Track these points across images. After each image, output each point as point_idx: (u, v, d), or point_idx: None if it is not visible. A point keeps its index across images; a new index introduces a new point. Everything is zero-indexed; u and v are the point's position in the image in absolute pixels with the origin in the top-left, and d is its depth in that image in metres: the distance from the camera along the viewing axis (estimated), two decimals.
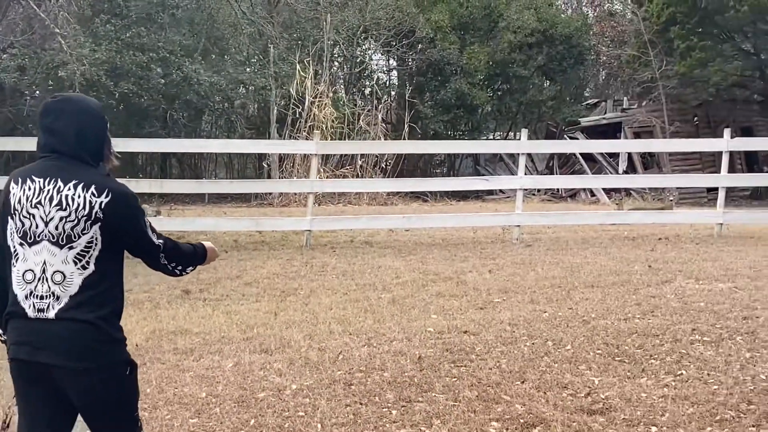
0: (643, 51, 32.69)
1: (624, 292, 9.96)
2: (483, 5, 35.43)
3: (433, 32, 33.24)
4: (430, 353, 7.39)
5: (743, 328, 7.96)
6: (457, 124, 35.34)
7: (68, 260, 3.64)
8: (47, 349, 3.60)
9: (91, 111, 3.85)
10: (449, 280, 11.17)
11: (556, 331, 8.04)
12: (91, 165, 3.78)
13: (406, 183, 22.51)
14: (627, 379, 6.58)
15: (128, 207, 3.76)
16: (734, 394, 6.16)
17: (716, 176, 18.43)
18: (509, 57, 34.83)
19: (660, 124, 32.71)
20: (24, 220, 3.67)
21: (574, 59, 37.09)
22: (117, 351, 3.75)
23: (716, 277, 10.87)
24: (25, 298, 3.65)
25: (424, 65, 33.84)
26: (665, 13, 30.99)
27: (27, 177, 3.72)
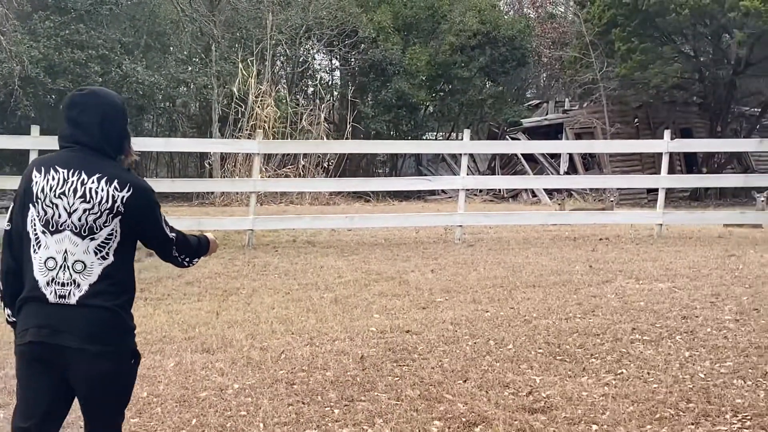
0: (584, 53, 33.00)
1: (565, 291, 10.02)
2: (426, 6, 35.51)
3: (375, 32, 33.25)
4: (373, 353, 7.38)
5: (682, 327, 8.04)
6: (399, 124, 35.40)
7: (89, 250, 3.83)
8: (68, 332, 3.76)
9: (115, 106, 4.04)
10: (392, 279, 11.16)
11: (498, 330, 8.07)
12: (111, 158, 3.97)
13: (348, 183, 22.47)
14: (568, 378, 6.62)
15: (148, 202, 3.97)
16: (673, 392, 6.22)
17: (656, 177, 18.64)
18: (451, 58, 34.94)
19: (601, 125, 33.04)
20: (47, 208, 3.83)
21: (517, 61, 37.31)
22: (128, 339, 3.97)
23: (656, 277, 10.97)
24: (47, 284, 3.80)
25: (366, 65, 33.84)
26: (606, 15, 31.30)
27: (51, 167, 3.87)
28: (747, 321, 8.21)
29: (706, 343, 7.48)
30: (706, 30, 31.65)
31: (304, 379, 6.68)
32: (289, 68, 35.43)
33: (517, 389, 6.37)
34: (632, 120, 34.75)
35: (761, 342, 7.41)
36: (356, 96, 33.61)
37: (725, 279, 10.62)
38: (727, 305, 8.95)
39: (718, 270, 11.39)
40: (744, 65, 31.39)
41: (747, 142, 25.62)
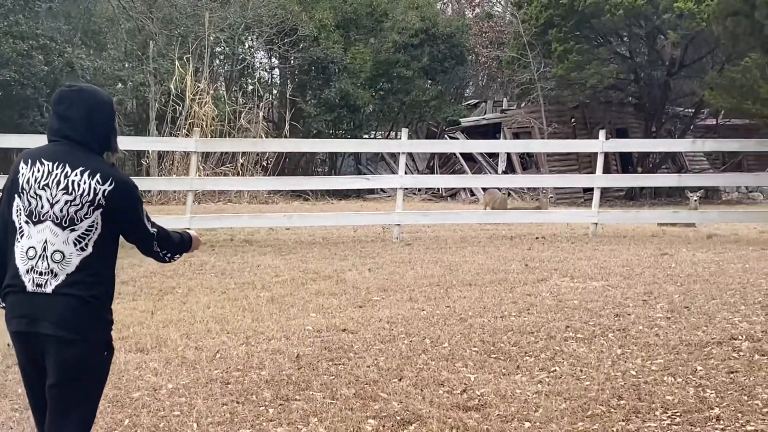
0: (522, 53, 33.23)
1: (501, 290, 10.10)
2: (367, 3, 35.45)
3: (316, 30, 33.11)
4: (309, 351, 7.38)
5: (615, 325, 8.15)
6: (339, 124, 35.31)
7: (69, 241, 3.93)
8: (42, 320, 3.88)
9: (103, 103, 4.16)
10: (329, 278, 11.17)
11: (433, 328, 8.11)
12: (97, 153, 4.11)
13: (287, 182, 22.42)
14: (502, 376, 6.68)
15: (129, 196, 4.07)
16: (605, 389, 6.30)
17: (591, 177, 18.85)
18: (393, 57, 34.94)
19: (538, 125, 33.29)
20: (31, 199, 3.96)
21: (455, 59, 37.43)
22: (102, 330, 4.04)
23: (590, 275, 11.11)
24: (26, 272, 3.92)
25: (307, 64, 33.69)
26: (543, 16, 31.54)
27: (37, 159, 4.02)
28: (678, 319, 8.34)
29: (638, 340, 7.59)
30: (641, 31, 32.02)
31: (239, 379, 6.65)
32: (228, 66, 35.19)
33: (451, 387, 6.41)
34: (569, 120, 35.06)
35: (691, 339, 7.53)
36: (297, 95, 33.48)
37: (658, 277, 10.79)
38: (659, 303, 9.09)
39: (651, 268, 11.57)
40: (678, 66, 31.84)
41: (680, 143, 26.01)
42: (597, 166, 16.89)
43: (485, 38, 40.64)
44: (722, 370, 6.69)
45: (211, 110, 27.80)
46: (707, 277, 10.76)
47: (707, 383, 6.38)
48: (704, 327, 7.97)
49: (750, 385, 6.29)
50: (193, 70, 28.09)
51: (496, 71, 41.79)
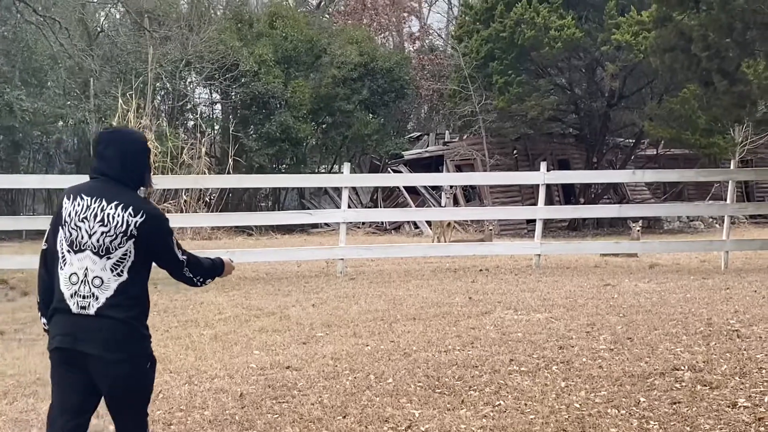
0: (463, 86, 33.44)
1: (445, 324, 10.09)
2: (306, 39, 35.56)
3: (257, 66, 33.11)
4: (252, 390, 7.29)
5: (559, 357, 8.16)
6: (282, 158, 35.28)
7: (106, 268, 4.41)
8: (88, 340, 4.36)
9: (136, 143, 4.67)
10: (273, 314, 11.08)
11: (378, 364, 8.06)
12: (131, 188, 4.58)
13: (229, 218, 22.31)
14: (447, 411, 6.64)
15: (159, 227, 4.55)
16: (550, 423, 6.29)
17: (534, 208, 18.98)
18: (333, 91, 35.04)
19: (481, 156, 33.49)
20: (72, 231, 4.45)
21: (396, 93, 37.62)
22: (142, 345, 4.53)
23: (534, 307, 11.13)
24: (71, 296, 4.40)
25: (248, 99, 33.66)
26: (484, 49, 31.79)
27: (78, 194, 4.51)
28: (621, 350, 8.38)
29: (581, 372, 7.60)
30: (581, 63, 32.42)
31: (181, 419, 6.56)
32: (170, 102, 35.02)
33: (396, 424, 6.36)
34: (511, 151, 35.31)
35: (634, 371, 7.56)
36: (238, 129, 33.38)
37: (601, 308, 10.85)
38: (602, 335, 9.13)
39: (594, 299, 11.64)
40: (617, 97, 32.24)
41: (620, 174, 26.30)
42: (539, 198, 17.00)
43: (426, 71, 40.89)
44: (665, 401, 6.71)
45: (154, 147, 27.56)
46: (649, 307, 10.84)
47: (650, 415, 6.40)
48: (647, 358, 8.02)
49: (692, 416, 6.32)
50: (135, 106, 27.86)
51: (438, 104, 42.07)
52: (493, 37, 31.22)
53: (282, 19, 35.90)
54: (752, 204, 30.65)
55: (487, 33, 31.61)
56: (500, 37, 30.81)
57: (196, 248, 19.99)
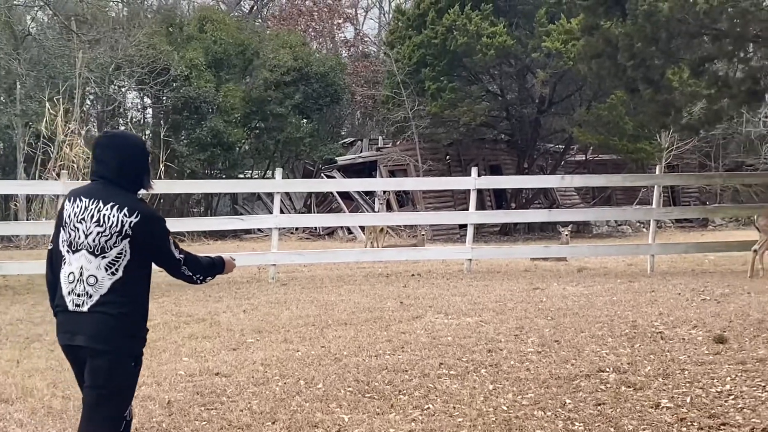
0: (396, 91, 33.55)
1: (376, 328, 10.13)
2: (237, 43, 35.43)
3: (188, 70, 32.91)
4: (180, 397, 7.25)
5: (488, 360, 8.24)
6: (214, 163, 35.12)
7: (101, 267, 4.54)
8: (80, 334, 4.52)
9: (134, 146, 4.82)
10: (203, 321, 11.03)
11: (308, 369, 8.07)
12: (129, 190, 4.70)
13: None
14: (376, 416, 6.67)
15: (153, 227, 4.66)
16: (477, 426, 6.35)
17: (465, 213, 19.10)
18: (266, 95, 34.95)
19: (414, 162, 33.63)
20: (71, 231, 4.61)
21: (330, 98, 37.65)
22: (130, 344, 4.62)
23: (464, 311, 11.23)
24: (68, 294, 4.57)
25: (179, 103, 33.45)
26: (416, 55, 31.93)
27: (77, 197, 4.68)
28: (548, 353, 8.49)
29: (509, 375, 7.69)
30: (512, 70, 32.75)
31: None
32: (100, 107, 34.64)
33: (325, 429, 6.38)
34: (444, 157, 35.50)
35: (561, 373, 7.67)
36: (170, 134, 33.13)
37: (529, 312, 10.98)
38: (530, 338, 9.24)
39: (523, 303, 11.77)
40: (548, 104, 32.60)
41: (549, 178, 26.57)
42: (470, 203, 17.13)
43: (360, 77, 40.98)
44: (590, 402, 6.82)
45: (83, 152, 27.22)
46: (577, 310, 11.00)
47: (576, 416, 6.49)
48: (573, 360, 8.13)
49: (616, 417, 6.42)
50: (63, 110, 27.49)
51: (372, 110, 42.16)
52: (425, 44, 31.38)
53: (212, 23, 35.73)
54: (677, 208, 31.17)
55: (419, 39, 31.76)
56: (432, 43, 30.98)
57: None
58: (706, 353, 8.21)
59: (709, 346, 8.46)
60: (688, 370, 7.60)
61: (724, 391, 6.98)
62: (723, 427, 6.13)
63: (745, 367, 7.60)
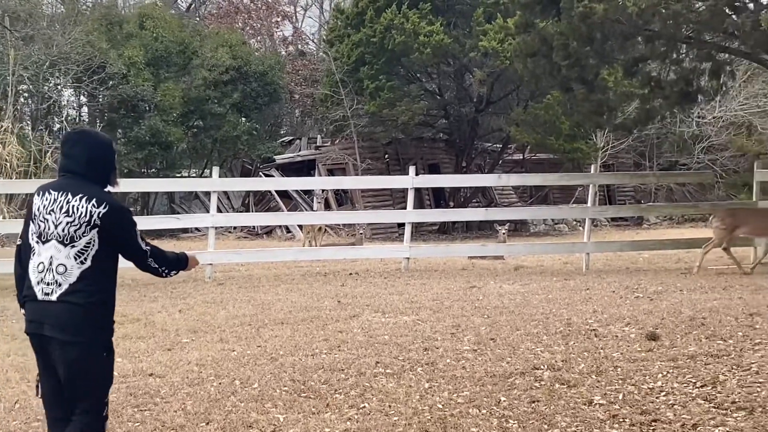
0: (335, 90, 33.54)
1: (313, 327, 10.11)
2: (178, 41, 35.10)
3: (125, 68, 32.53)
4: (113, 398, 7.11)
5: (424, 359, 8.26)
6: (151, 162, 34.77)
7: (70, 256, 4.69)
8: (48, 324, 4.65)
9: (102, 144, 4.99)
10: (137, 321, 10.92)
11: (244, 369, 8.03)
12: (96, 184, 4.87)
13: None
14: (312, 415, 6.65)
15: (121, 218, 4.84)
16: (413, 424, 6.37)
17: (403, 212, 19.20)
18: (204, 94, 34.68)
19: (352, 161, 33.64)
20: (41, 223, 4.77)
21: (269, 96, 37.48)
22: (101, 334, 4.79)
23: (401, 310, 11.25)
24: (37, 283, 4.70)
25: (116, 101, 33.06)
26: (355, 54, 31.95)
27: (47, 190, 4.85)
28: (484, 351, 8.53)
29: (445, 373, 7.71)
30: (450, 69, 32.91)
31: (38, 429, 6.40)
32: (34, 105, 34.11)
33: (260, 429, 6.35)
34: (383, 156, 35.57)
35: (496, 371, 7.71)
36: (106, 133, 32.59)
37: (466, 310, 11.03)
38: (466, 336, 9.28)
39: (460, 301, 11.83)
40: (485, 103, 32.82)
41: (486, 177, 26.79)
42: (408, 202, 17.18)
43: (299, 76, 40.89)
44: (524, 400, 6.87)
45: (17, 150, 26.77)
46: (512, 308, 11.07)
47: (510, 414, 6.53)
48: (508, 358, 8.18)
49: (550, 414, 6.48)
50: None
51: (311, 108, 42.08)
52: (364, 42, 31.42)
53: (152, 20, 35.33)
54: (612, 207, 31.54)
55: (357, 38, 31.79)
56: (371, 42, 31.03)
57: None
58: (639, 350, 8.31)
59: (642, 343, 8.56)
60: (621, 367, 7.69)
61: (655, 387, 7.07)
62: (654, 424, 6.21)
63: (676, 364, 7.70)
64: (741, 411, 6.34)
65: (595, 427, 6.20)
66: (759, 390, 6.77)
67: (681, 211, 32.76)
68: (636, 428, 6.14)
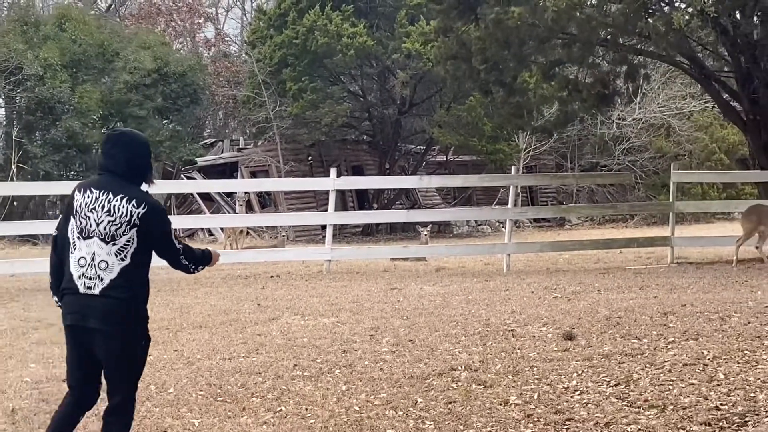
0: (257, 92, 33.38)
1: (231, 331, 10.05)
2: (96, 44, 34.57)
3: (42, 69, 31.93)
4: (25, 405, 7.05)
5: (342, 361, 8.25)
6: (70, 164, 34.19)
7: (111, 253, 4.97)
8: (92, 316, 4.94)
9: (139, 144, 5.26)
10: (52, 326, 10.65)
11: (160, 374, 7.93)
12: (135, 183, 5.16)
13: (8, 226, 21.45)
14: (228, 419, 6.61)
15: (158, 218, 5.12)
16: (329, 426, 6.36)
17: (324, 214, 19.19)
18: (126, 97, 34.20)
19: (275, 163, 33.50)
20: (82, 220, 5.02)
21: (190, 98, 37.10)
22: (139, 325, 5.12)
23: (321, 312, 11.23)
24: (78, 277, 4.97)
25: (33, 103, 32.44)
26: (277, 55, 31.85)
27: (88, 188, 5.11)
28: (402, 352, 8.55)
29: (363, 375, 7.71)
30: (373, 71, 33.00)
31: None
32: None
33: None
34: (306, 158, 35.49)
35: (414, 372, 7.73)
36: (23, 135, 32.10)
37: (386, 312, 11.04)
38: (385, 337, 9.29)
39: (380, 303, 11.84)
40: (408, 105, 32.96)
41: (408, 179, 26.85)
42: (329, 204, 17.17)
43: (222, 77, 40.59)
44: (441, 401, 6.89)
45: None
46: (432, 309, 11.11)
47: (426, 415, 6.55)
48: (426, 359, 8.21)
49: (466, 414, 6.51)
50: None
51: (234, 110, 41.81)
52: (287, 44, 31.35)
53: (72, 22, 34.74)
54: (533, 208, 31.90)
55: (280, 39, 31.71)
56: (293, 43, 30.97)
57: None
58: (555, 350, 8.39)
59: (558, 343, 8.65)
60: (537, 367, 7.76)
61: (570, 386, 7.15)
62: (568, 423, 6.28)
63: (591, 363, 7.80)
64: (653, 409, 6.44)
65: (510, 427, 6.25)
66: (671, 388, 6.89)
67: (600, 212, 33.24)
68: (550, 427, 6.21)
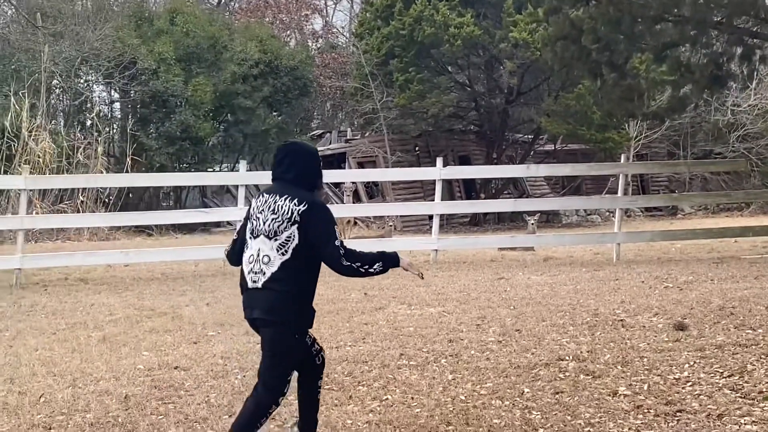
0: (364, 83, 33.48)
1: (338, 320, 10.10)
2: (208, 36, 35.16)
3: (156, 63, 32.63)
4: (138, 391, 7.19)
5: (448, 350, 8.23)
6: (183, 156, 34.88)
7: (273, 248, 5.22)
8: (255, 308, 5.27)
9: (308, 153, 5.55)
10: (165, 315, 10.94)
11: None
12: (303, 188, 5.38)
13: (123, 217, 21.94)
14: (334, 407, 6.64)
15: (319, 215, 5.28)
16: (435, 416, 6.34)
17: (431, 204, 19.14)
18: (234, 88, 34.74)
19: (382, 153, 33.58)
20: (253, 221, 5.36)
21: (299, 90, 37.52)
22: (294, 317, 5.26)
23: (428, 302, 11.21)
24: (248, 273, 5.30)
25: (147, 97, 33.18)
26: (385, 47, 31.87)
27: (261, 194, 5.48)
28: (509, 342, 8.48)
29: (469, 365, 7.67)
30: (480, 60, 32.73)
31: (62, 423, 6.43)
32: (66, 101, 34.33)
33: (282, 421, 6.35)
34: (413, 148, 35.47)
35: (520, 362, 7.66)
36: (138, 128, 32.85)
37: (492, 301, 10.97)
38: (491, 327, 9.23)
39: (487, 293, 11.77)
40: (516, 94, 32.62)
41: (515, 168, 26.57)
42: (436, 194, 17.13)
43: (329, 69, 40.87)
44: (548, 391, 6.82)
45: (50, 146, 26.98)
46: (539, 299, 11.00)
47: (533, 405, 6.49)
48: (533, 349, 8.13)
49: (574, 405, 6.43)
50: (28, 105, 27.23)
51: (341, 101, 42.05)
52: (393, 35, 31.34)
53: (183, 16, 35.41)
54: (643, 197, 31.22)
55: (387, 30, 31.71)
56: (400, 34, 30.95)
57: (93, 248, 19.73)
58: (666, 340, 8.23)
59: (669, 334, 8.48)
60: (647, 358, 7.62)
61: (681, 377, 6.99)
62: (679, 414, 6.14)
63: (703, 354, 7.62)
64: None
65: (619, 418, 6.14)
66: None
67: (714, 200, 32.47)
68: (660, 419, 6.08)
